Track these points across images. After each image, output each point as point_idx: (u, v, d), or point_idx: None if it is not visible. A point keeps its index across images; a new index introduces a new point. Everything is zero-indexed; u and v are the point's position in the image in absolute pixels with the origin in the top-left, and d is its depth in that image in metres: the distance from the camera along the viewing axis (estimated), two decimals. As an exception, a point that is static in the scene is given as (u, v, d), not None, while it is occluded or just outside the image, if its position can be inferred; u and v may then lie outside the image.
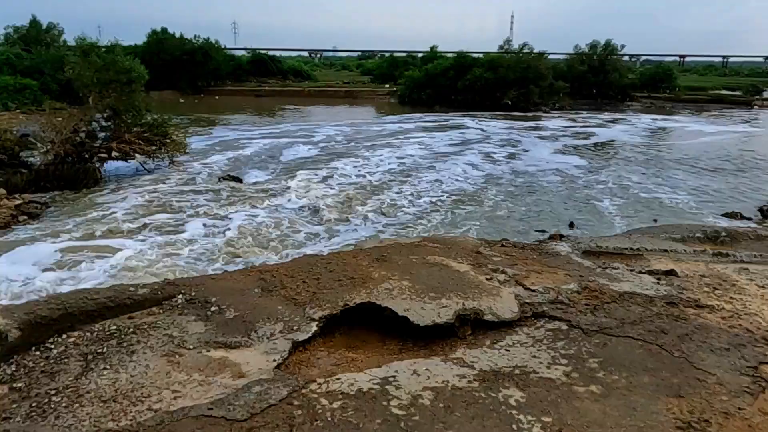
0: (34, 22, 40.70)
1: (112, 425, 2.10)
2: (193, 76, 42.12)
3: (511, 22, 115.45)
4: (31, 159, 15.24)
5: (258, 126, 28.48)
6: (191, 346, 2.62)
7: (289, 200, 13.59)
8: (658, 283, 3.29)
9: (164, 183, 14.81)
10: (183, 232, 10.89)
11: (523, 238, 10.91)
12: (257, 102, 40.90)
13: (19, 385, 2.52)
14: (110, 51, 16.04)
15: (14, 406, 2.34)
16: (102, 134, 15.67)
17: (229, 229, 11.06)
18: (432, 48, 46.38)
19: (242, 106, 37.71)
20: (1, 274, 8.57)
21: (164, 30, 44.57)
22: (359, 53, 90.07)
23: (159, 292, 3.13)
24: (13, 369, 2.63)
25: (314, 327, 2.77)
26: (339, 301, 2.93)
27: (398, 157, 19.97)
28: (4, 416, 2.28)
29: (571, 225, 11.84)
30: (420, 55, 50.45)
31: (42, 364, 2.64)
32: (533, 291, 3.11)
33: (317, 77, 53.08)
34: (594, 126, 30.74)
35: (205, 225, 11.30)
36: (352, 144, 22.96)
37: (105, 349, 2.66)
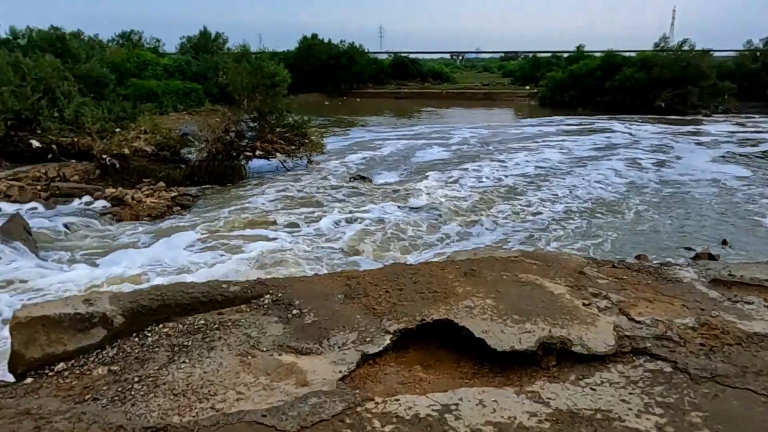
0: (204, 33, 45.33)
1: (176, 420, 2.18)
2: (338, 80, 44.13)
3: (673, 17, 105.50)
4: (189, 156, 16.94)
5: (394, 127, 29.06)
6: (265, 348, 2.66)
7: (416, 202, 13.63)
8: (804, 326, 2.73)
9: (300, 181, 15.64)
10: (311, 227, 11.39)
11: (666, 255, 9.89)
12: (396, 104, 41.79)
13: (116, 368, 2.74)
14: (258, 57, 17.28)
15: (105, 388, 2.54)
16: (249, 134, 16.93)
17: (353, 226, 11.36)
18: (578, 47, 43.98)
19: (381, 108, 38.77)
20: (157, 257, 9.55)
21: (314, 36, 47.26)
22: (502, 54, 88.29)
23: (249, 291, 3.23)
24: (114, 352, 2.87)
25: (387, 340, 2.68)
26: (417, 315, 2.81)
27: (535, 161, 19.20)
28: (95, 397, 2.48)
29: (724, 243, 10.49)
30: (565, 55, 48.12)
31: (137, 350, 2.85)
32: (638, 323, 2.73)
33: (456, 79, 52.94)
34: (767, 132, 27.09)
35: (331, 222, 11.72)
36: (487, 147, 22.52)
37: (190, 342, 2.80)
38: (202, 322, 2.98)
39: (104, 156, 14.43)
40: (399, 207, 13.12)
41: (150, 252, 9.67)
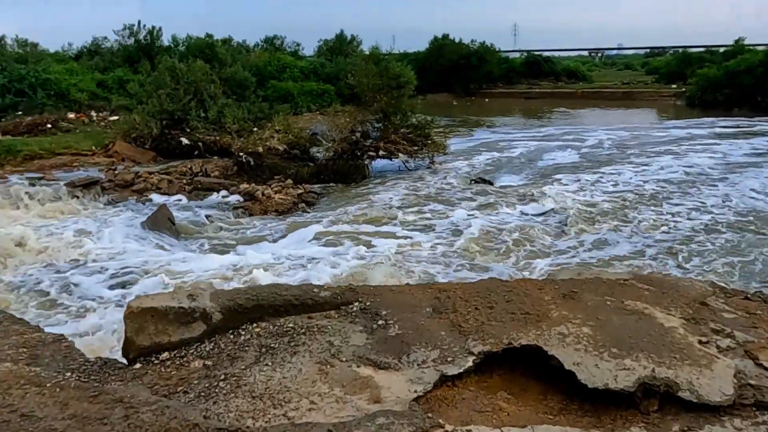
0: (340, 36, 47.22)
1: (249, 423, 2.23)
2: (467, 80, 43.71)
3: None
4: (317, 154, 17.70)
5: (521, 129, 28.16)
6: (344, 359, 2.65)
7: (540, 206, 13.04)
8: None
9: (421, 182, 15.68)
10: (428, 228, 11.35)
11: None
12: (526, 104, 40.47)
13: (209, 362, 2.88)
14: (385, 59, 17.59)
15: (196, 382, 2.68)
16: (373, 134, 17.31)
17: (472, 229, 11.13)
18: (737, 41, 39.42)
19: (510, 108, 37.77)
20: (281, 250, 10.05)
21: (445, 36, 47.22)
22: (647, 50, 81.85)
23: (339, 297, 3.25)
24: (211, 347, 3.03)
25: (470, 362, 2.54)
26: (504, 337, 2.64)
27: (681, 166, 17.51)
28: (185, 390, 2.63)
29: None
30: (721, 50, 43.42)
31: (230, 348, 2.97)
32: (767, 370, 2.33)
33: (593, 78, 50.00)
34: None
35: (450, 224, 11.59)
36: (625, 150, 20.98)
37: (276, 345, 2.87)
38: (291, 325, 3.04)
39: (241, 154, 15.54)
40: (522, 211, 12.64)
41: (274, 246, 10.22)
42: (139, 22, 31.54)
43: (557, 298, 2.95)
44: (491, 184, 15.39)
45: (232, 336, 3.07)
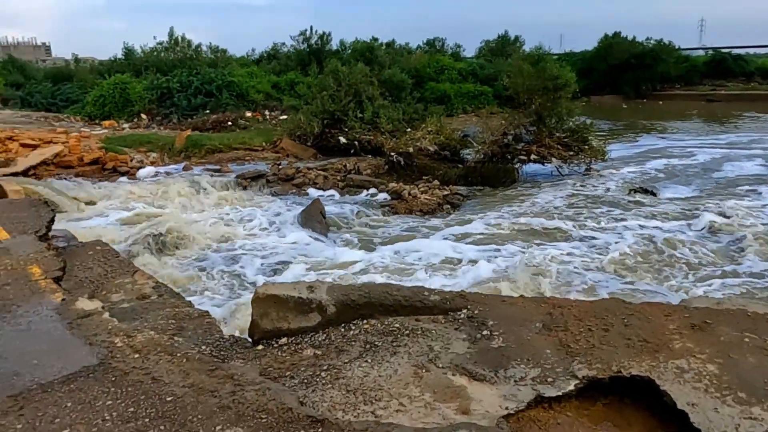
0: (503, 37, 46.38)
1: (339, 415, 2.33)
2: (638, 80, 40.42)
3: None
4: (467, 156, 17.63)
5: (698, 135, 25.35)
6: (441, 365, 2.64)
7: (709, 223, 11.68)
8: None
9: (574, 189, 14.87)
10: (578, 237, 10.76)
11: None
12: (707, 108, 36.31)
13: (319, 352, 3.06)
14: (542, 59, 16.95)
15: (302, 369, 2.86)
16: (526, 138, 16.78)
17: (625, 242, 10.33)
18: None
19: (687, 112, 34.18)
20: (423, 249, 10.21)
21: (616, 34, 44.12)
22: None
23: (448, 303, 3.24)
24: (323, 338, 3.20)
25: (571, 386, 2.39)
26: (614, 364, 2.43)
27: None
28: (292, 375, 2.82)
29: None
30: None
31: (339, 340, 3.12)
32: None
33: (797, 78, 43.31)
34: None
35: (600, 236, 10.86)
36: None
37: (380, 343, 2.95)
38: (397, 325, 3.10)
39: (392, 153, 16.03)
40: (688, 227, 11.43)
41: (411, 244, 10.40)
42: (311, 28, 33.99)
43: (684, 327, 2.64)
44: (654, 194, 14.11)
45: (342, 329, 3.22)
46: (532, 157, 16.13)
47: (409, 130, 17.90)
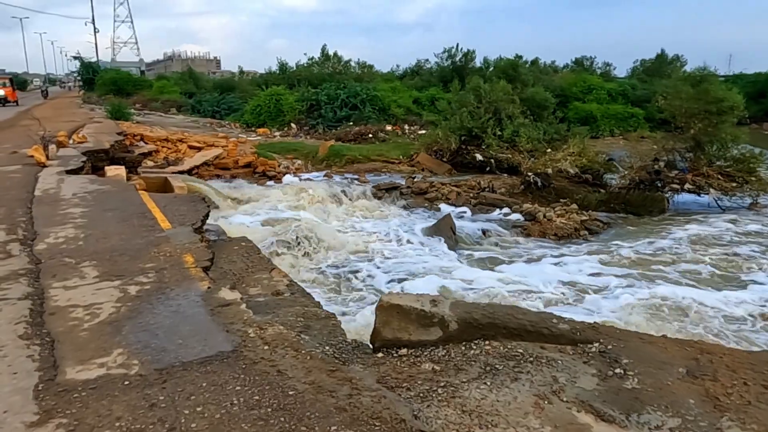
0: (660, 56, 43.36)
1: (452, 435, 2.27)
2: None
3: None
4: (611, 181, 16.60)
5: None
6: (565, 398, 2.47)
7: None
8: None
9: (736, 224, 13.33)
10: (732, 280, 9.62)
11: None
12: None
13: (437, 368, 3.02)
14: (705, 80, 15.47)
15: (420, 382, 2.84)
16: (680, 165, 15.43)
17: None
18: None
19: None
20: (548, 276, 9.75)
21: (799, 54, 39.16)
22: None
23: (578, 333, 3.04)
24: (442, 354, 3.16)
25: (717, 444, 2.10)
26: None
27: None
28: (408, 387, 2.80)
29: None
30: None
31: (459, 358, 3.06)
32: None
33: None
34: None
35: (755, 281, 9.61)
36: None
37: (501, 366, 2.84)
38: (521, 350, 2.96)
39: (529, 173, 15.57)
40: None
41: (546, 268, 9.97)
42: (456, 45, 34.31)
43: None
44: (837, 237, 12.20)
45: (463, 347, 3.15)
46: (687, 186, 14.77)
47: (549, 150, 17.27)
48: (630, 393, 2.47)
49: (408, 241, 11.41)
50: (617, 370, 2.66)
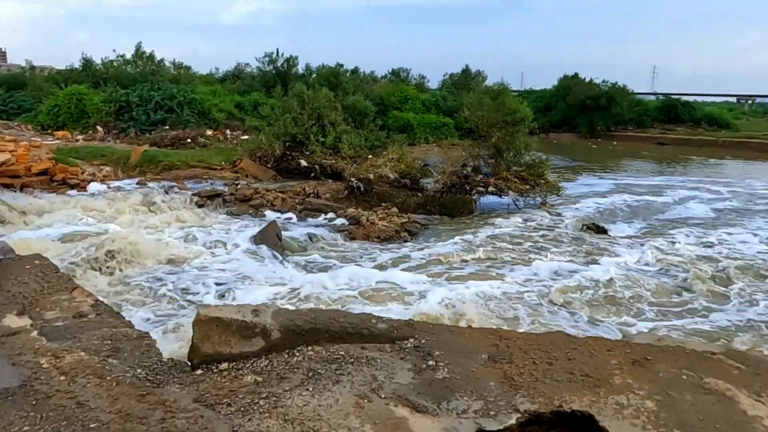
0: (465, 71, 47.67)
1: (274, 445, 2.24)
2: (593, 120, 41.97)
3: None
4: (427, 185, 17.80)
5: (649, 176, 26.37)
6: (383, 395, 2.58)
7: (654, 260, 12.06)
8: None
9: (529, 222, 15.15)
10: (527, 270, 10.91)
11: None
12: (658, 150, 37.87)
13: (260, 379, 2.95)
14: (501, 94, 17.39)
15: (241, 396, 2.75)
16: (485, 170, 17.09)
17: (572, 277, 10.53)
18: None
19: (639, 153, 35.56)
20: (371, 276, 10.11)
21: (575, 75, 45.87)
22: (809, 100, 73.60)
23: (395, 331, 3.19)
24: (265, 364, 3.10)
25: (513, 420, 2.36)
26: (556, 398, 2.43)
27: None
28: (229, 402, 2.70)
29: None
30: None
31: (281, 367, 3.03)
32: None
33: (739, 127, 45.71)
34: None
35: (552, 270, 11.04)
36: (756, 210, 18.89)
37: (323, 371, 2.88)
38: (342, 353, 3.03)
39: (352, 179, 16.04)
40: (631, 264, 11.75)
41: (364, 271, 10.33)
42: (277, 50, 34.12)
43: (625, 363, 2.67)
44: (605, 232, 14.49)
45: (286, 356, 3.12)
46: (490, 189, 16.41)
47: (370, 156, 17.97)
48: (441, 383, 2.66)
49: (232, 250, 11.05)
50: (430, 363, 2.85)
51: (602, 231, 14.51)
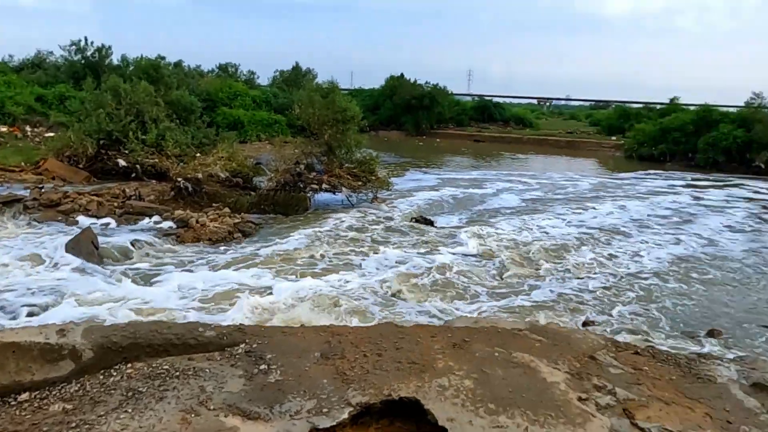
0: (296, 68, 47.59)
1: (86, 479, 2.01)
2: (418, 119, 44.58)
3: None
4: (261, 184, 17.42)
5: (469, 170, 28.74)
6: (212, 407, 2.47)
7: (475, 248, 13.17)
8: None
9: (362, 217, 15.60)
10: (360, 264, 11.23)
11: (739, 332, 8.91)
12: (475, 147, 41.47)
13: (70, 406, 2.63)
14: (330, 92, 17.68)
15: (46, 429, 2.44)
16: (319, 167, 17.22)
17: (403, 267, 11.08)
18: (672, 99, 42.03)
19: (459, 150, 38.59)
20: (200, 281, 9.60)
21: (401, 76, 48.24)
22: (591, 103, 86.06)
23: (225, 338, 3.07)
24: (76, 389, 2.77)
25: (345, 414, 2.40)
26: (385, 388, 2.52)
27: (617, 216, 18.19)
28: (32, 437, 2.38)
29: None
30: (658, 107, 46.11)
31: (95, 390, 2.73)
32: (641, 430, 2.29)
33: (540, 126, 51.90)
34: None
35: (384, 263, 11.50)
36: (564, 197, 21.67)
37: (145, 389, 2.66)
38: (167, 367, 2.83)
39: (179, 179, 15.11)
40: (457, 252, 12.72)
41: (194, 276, 9.82)
42: (86, 38, 30.85)
43: (447, 347, 2.87)
44: (432, 224, 15.48)
45: (101, 377, 2.83)
46: (324, 186, 16.59)
47: (198, 155, 17.09)
48: (274, 386, 2.61)
49: (39, 263, 9.78)
50: (262, 367, 2.79)
51: (429, 223, 15.49)
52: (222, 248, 11.96)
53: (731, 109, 35.69)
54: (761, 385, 2.75)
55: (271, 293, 9.06)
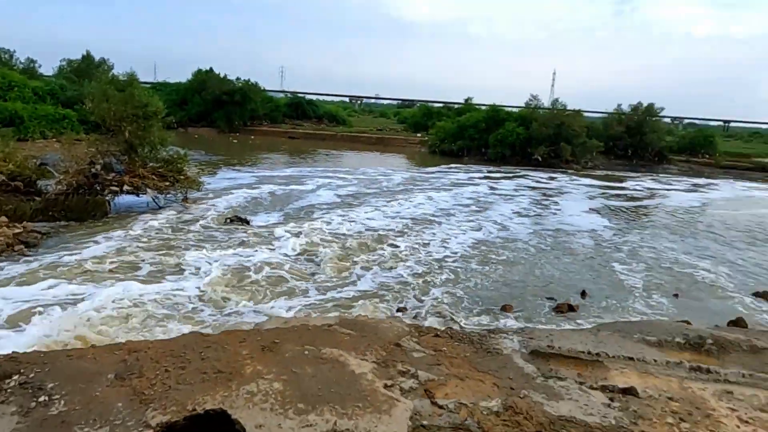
0: (87, 57, 42.84)
1: None
2: (230, 115, 43.10)
3: (553, 79, 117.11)
4: (48, 188, 15.34)
5: (282, 167, 28.57)
6: (-26, 455, 2.09)
7: (292, 246, 13.13)
8: (609, 406, 2.60)
9: (170, 220, 14.62)
10: (171, 272, 10.51)
11: (530, 305, 10.15)
12: (290, 144, 41.39)
13: None
14: (128, 85, 16.26)
15: None
16: (119, 168, 15.70)
17: (219, 270, 10.62)
18: (467, 100, 46.49)
19: (275, 147, 38.18)
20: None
21: (210, 70, 46.09)
22: (399, 102, 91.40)
23: (-8, 371, 2.62)
24: None
25: (144, 437, 2.20)
26: (189, 403, 2.37)
27: (424, 207, 19.55)
28: None
29: (583, 294, 10.97)
30: (456, 106, 50.65)
31: None
32: (440, 407, 2.47)
33: (352, 123, 53.67)
34: (627, 187, 29.79)
35: (198, 266, 10.91)
36: (376, 191, 22.64)
37: None
38: None
39: (-64, 184, 12.66)
40: (274, 251, 12.55)
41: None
42: None
43: (256, 351, 2.79)
44: (247, 223, 15.09)
45: None
46: (125, 187, 15.21)
47: (-38, 155, 14.50)
48: (56, 419, 2.29)
49: None
50: (41, 399, 2.43)
51: (245, 222, 15.06)
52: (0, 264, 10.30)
53: (515, 109, 40.57)
54: (537, 352, 3.14)
55: (53, 313, 8.03)
